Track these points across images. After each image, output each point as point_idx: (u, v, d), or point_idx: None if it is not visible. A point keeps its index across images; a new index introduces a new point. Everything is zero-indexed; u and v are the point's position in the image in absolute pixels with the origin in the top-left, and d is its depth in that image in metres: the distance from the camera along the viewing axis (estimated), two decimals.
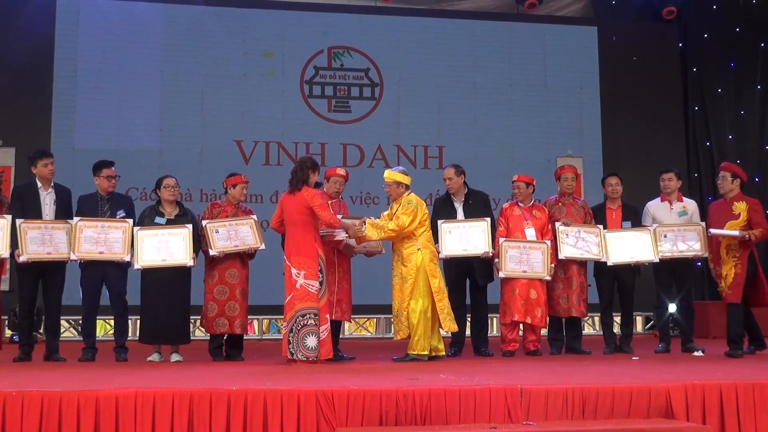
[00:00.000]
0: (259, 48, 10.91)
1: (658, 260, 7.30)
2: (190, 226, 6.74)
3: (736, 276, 6.88)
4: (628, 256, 7.32)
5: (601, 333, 7.96)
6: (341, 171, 7.07)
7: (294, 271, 6.18)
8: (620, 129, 11.47)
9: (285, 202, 6.39)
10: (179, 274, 6.69)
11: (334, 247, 6.66)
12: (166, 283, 6.64)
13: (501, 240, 7.21)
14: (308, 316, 6.12)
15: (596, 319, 10.20)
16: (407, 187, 6.67)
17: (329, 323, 6.24)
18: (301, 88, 10.95)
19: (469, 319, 7.50)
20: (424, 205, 6.66)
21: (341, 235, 6.54)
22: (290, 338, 6.13)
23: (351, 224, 6.55)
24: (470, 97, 11.27)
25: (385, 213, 6.68)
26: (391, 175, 6.68)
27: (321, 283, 6.20)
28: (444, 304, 6.52)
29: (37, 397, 4.03)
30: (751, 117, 11.92)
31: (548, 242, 7.23)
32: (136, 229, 6.66)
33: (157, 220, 6.78)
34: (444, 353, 6.62)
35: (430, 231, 6.69)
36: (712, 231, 7.03)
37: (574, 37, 11.66)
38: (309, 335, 6.10)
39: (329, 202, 6.70)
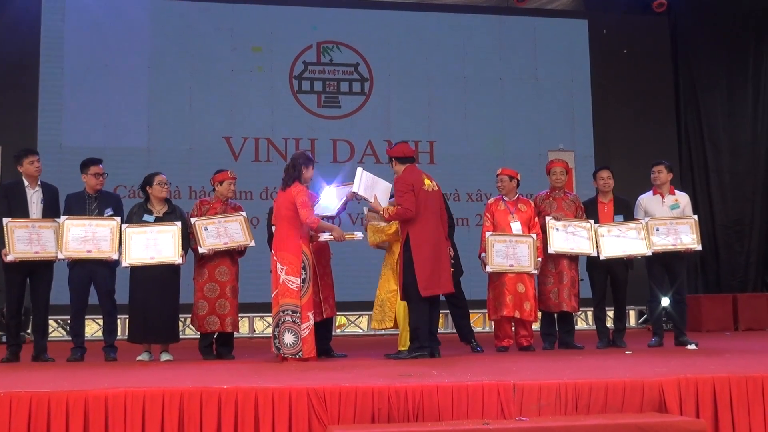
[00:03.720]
0: (247, 43, 10.87)
1: (650, 254, 7.31)
2: (178, 223, 6.72)
3: (398, 267, 6.42)
4: (621, 250, 7.33)
5: (594, 328, 7.97)
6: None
7: (279, 266, 6.19)
8: (612, 122, 11.48)
9: (277, 199, 6.45)
10: (168, 272, 6.67)
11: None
12: (155, 281, 6.62)
13: (487, 234, 7.22)
14: (287, 312, 6.13)
15: (589, 313, 10.22)
16: None
17: (312, 322, 6.22)
18: (290, 83, 10.93)
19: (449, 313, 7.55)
20: None
21: (324, 237, 6.53)
22: (275, 333, 6.16)
23: (332, 226, 6.57)
24: (461, 92, 11.27)
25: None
26: None
27: (304, 281, 6.19)
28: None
29: (26, 397, 4.01)
30: (743, 109, 11.94)
31: (534, 236, 7.24)
32: (124, 226, 6.64)
33: (146, 218, 6.75)
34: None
35: None
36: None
37: (565, 31, 11.65)
38: (287, 332, 6.11)
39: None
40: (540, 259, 7.24)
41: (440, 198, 6.54)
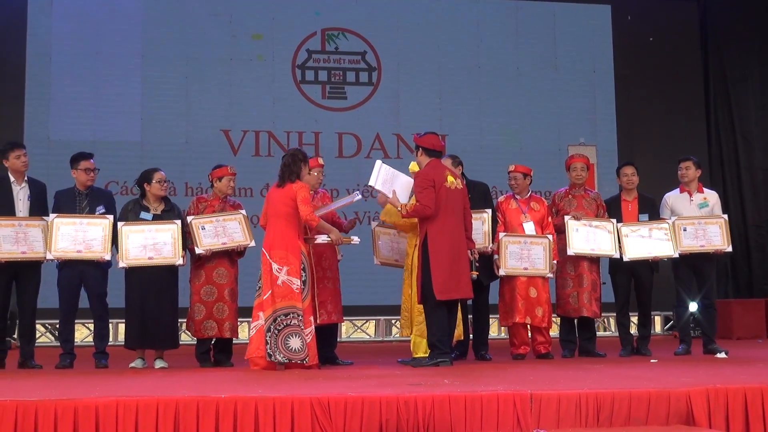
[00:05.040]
0: (247, 30, 10.87)
1: (677, 256, 7.30)
2: (178, 221, 6.74)
3: (416, 269, 6.45)
4: (646, 251, 7.32)
5: (616, 334, 7.97)
6: (321, 160, 7.14)
7: (275, 266, 6.17)
8: (636, 115, 11.46)
9: (271, 195, 6.42)
10: (167, 274, 6.71)
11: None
12: (153, 283, 6.65)
13: (501, 235, 7.22)
14: (291, 315, 6.12)
15: (611, 319, 10.23)
16: None
17: (313, 327, 6.23)
18: (292, 73, 10.93)
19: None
20: None
21: (321, 239, 6.53)
22: (267, 338, 6.11)
23: (332, 228, 6.56)
24: (474, 82, 11.25)
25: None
26: (416, 167, 6.74)
27: (305, 283, 6.19)
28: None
29: (11, 407, 4.03)
30: None
31: (550, 237, 7.25)
32: (120, 224, 6.65)
33: (143, 215, 6.76)
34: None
35: None
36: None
37: (586, 17, 11.62)
38: (292, 336, 6.09)
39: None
40: (555, 261, 7.24)
41: (464, 197, 6.51)
